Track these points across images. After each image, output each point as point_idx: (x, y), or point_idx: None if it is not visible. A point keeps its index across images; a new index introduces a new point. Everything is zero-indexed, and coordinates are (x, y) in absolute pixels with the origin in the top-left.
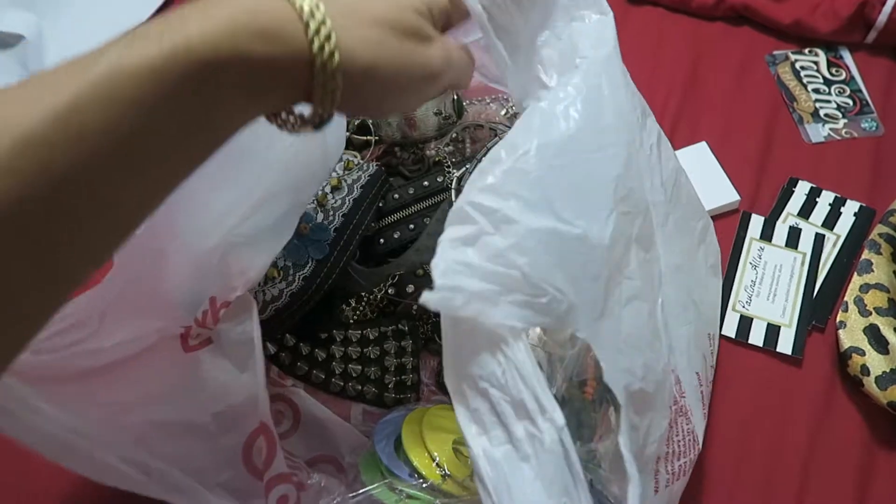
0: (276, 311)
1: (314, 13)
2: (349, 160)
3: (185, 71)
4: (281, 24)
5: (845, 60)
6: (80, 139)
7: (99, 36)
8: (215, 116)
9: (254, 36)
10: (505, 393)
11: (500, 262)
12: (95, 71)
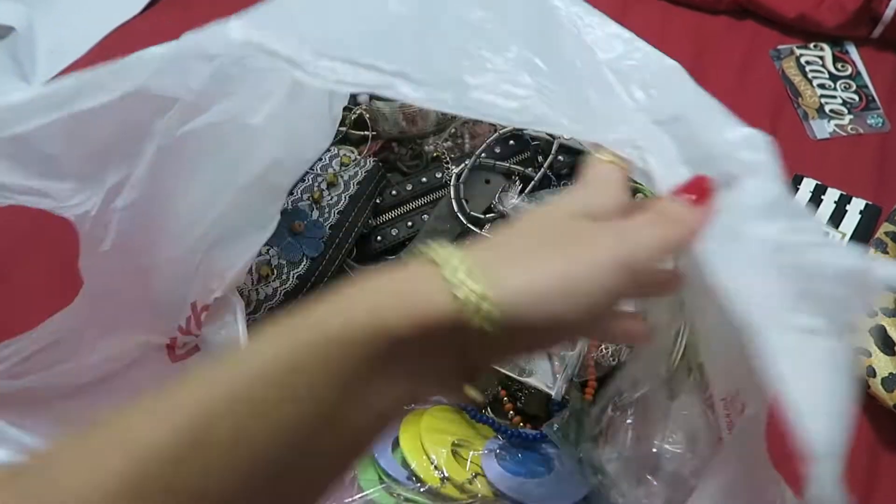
0: (271, 311)
1: (480, 308)
2: (346, 156)
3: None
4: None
5: (851, 55)
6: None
7: (89, 28)
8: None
9: (415, 328)
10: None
11: None
12: (266, 364)
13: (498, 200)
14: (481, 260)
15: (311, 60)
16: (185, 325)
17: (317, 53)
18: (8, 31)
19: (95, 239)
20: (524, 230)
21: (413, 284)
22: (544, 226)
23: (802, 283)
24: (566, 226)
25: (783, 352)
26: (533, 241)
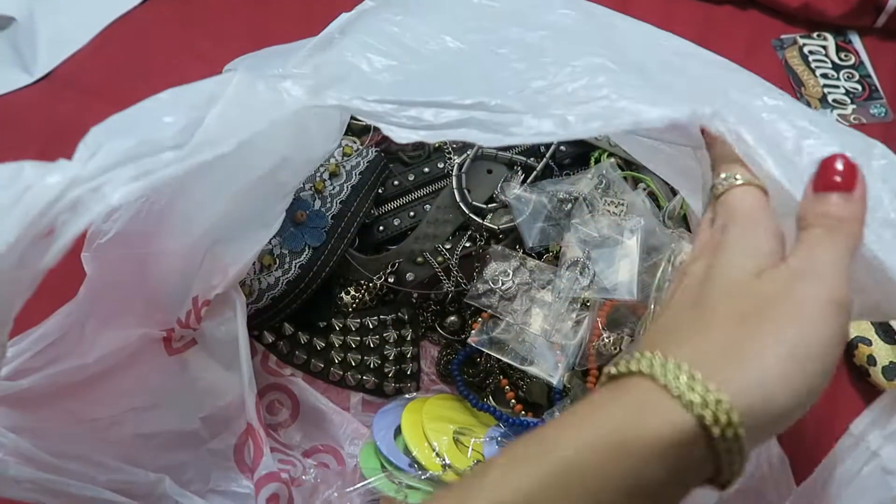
0: (273, 300)
1: (718, 418)
2: (348, 146)
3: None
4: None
5: (854, 45)
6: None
7: (90, 18)
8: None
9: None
10: None
11: None
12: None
13: (500, 190)
14: (692, 359)
15: (392, 111)
16: (185, 319)
17: (396, 104)
18: (9, 22)
19: (100, 232)
20: (711, 306)
21: (636, 410)
22: (734, 297)
23: None
24: (757, 290)
25: None
26: (733, 322)
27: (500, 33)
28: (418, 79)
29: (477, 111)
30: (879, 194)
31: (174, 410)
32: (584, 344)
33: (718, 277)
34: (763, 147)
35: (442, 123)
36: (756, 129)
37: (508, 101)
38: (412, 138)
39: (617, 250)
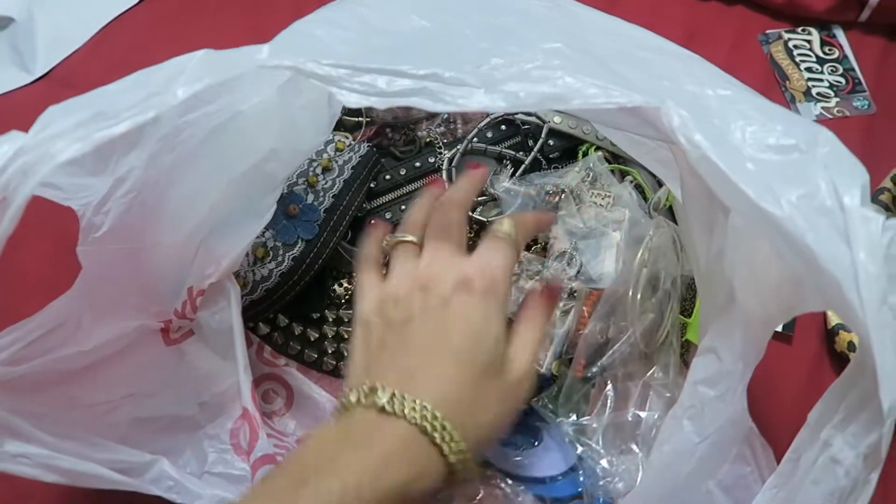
0: (267, 292)
1: (461, 462)
2: (340, 141)
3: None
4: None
5: (839, 39)
6: None
7: (89, 18)
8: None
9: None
10: None
11: None
12: None
13: (489, 184)
14: (452, 416)
15: (346, 76)
16: (181, 309)
17: (350, 70)
18: (8, 22)
19: (93, 226)
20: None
21: (409, 460)
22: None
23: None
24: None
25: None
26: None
27: (468, 16)
28: (377, 51)
29: (430, 81)
30: (818, 181)
31: (172, 397)
32: (571, 333)
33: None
34: (707, 135)
35: (394, 91)
36: (703, 117)
37: (463, 75)
38: (362, 103)
39: (603, 241)
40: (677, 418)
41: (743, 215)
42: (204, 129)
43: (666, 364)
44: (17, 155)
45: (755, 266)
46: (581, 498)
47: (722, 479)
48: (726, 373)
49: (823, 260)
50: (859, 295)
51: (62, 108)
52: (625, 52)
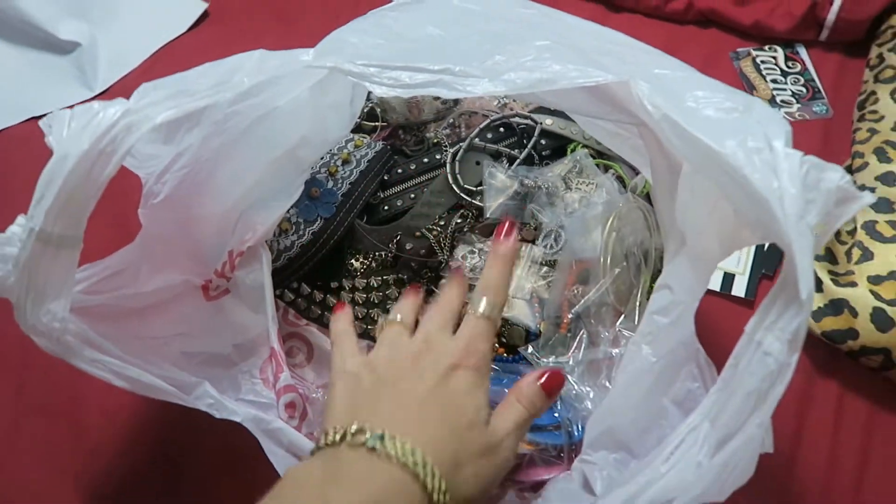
0: (289, 260)
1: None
2: (359, 139)
3: None
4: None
5: (801, 55)
6: None
7: (144, 43)
8: None
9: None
10: None
11: None
12: None
13: (488, 175)
14: (439, 466)
15: (376, 73)
16: (221, 269)
17: (380, 67)
18: (75, 46)
19: (153, 193)
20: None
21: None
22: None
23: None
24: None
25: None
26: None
27: (472, 25)
28: (401, 53)
29: (444, 75)
30: (754, 130)
31: (211, 339)
32: (557, 299)
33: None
34: (666, 103)
35: (416, 83)
36: (664, 90)
37: (471, 68)
38: (391, 93)
39: (588, 214)
40: (637, 343)
41: (695, 161)
42: (248, 118)
43: (633, 316)
44: (124, 115)
45: (700, 214)
46: (559, 427)
47: (674, 395)
48: (678, 302)
49: (757, 186)
50: (783, 211)
51: (153, 85)
52: (601, 47)
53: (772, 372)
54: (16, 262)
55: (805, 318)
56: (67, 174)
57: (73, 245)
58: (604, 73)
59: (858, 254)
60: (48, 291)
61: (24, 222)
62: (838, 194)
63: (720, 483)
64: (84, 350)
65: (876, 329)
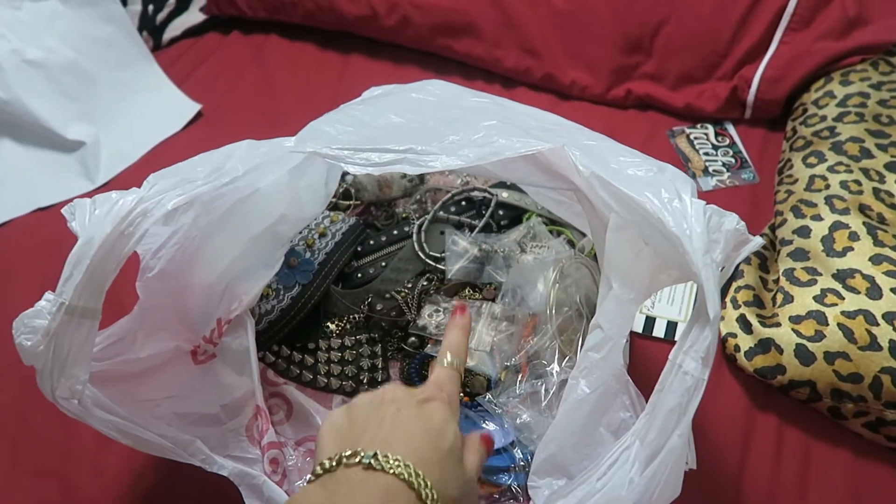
0: (270, 323)
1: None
2: (335, 215)
3: None
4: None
5: (729, 131)
6: None
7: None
8: None
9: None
10: None
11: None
12: None
13: (451, 242)
14: (431, 479)
15: (349, 154)
16: (209, 335)
17: (352, 150)
18: (80, 145)
19: (149, 267)
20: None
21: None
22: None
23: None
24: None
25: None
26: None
27: (430, 113)
28: (369, 138)
29: (408, 153)
30: (668, 185)
31: (200, 400)
32: (517, 347)
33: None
34: (595, 165)
35: (384, 161)
36: (592, 155)
37: (430, 147)
38: (363, 171)
39: (534, 273)
40: (575, 378)
41: (621, 212)
42: (232, 199)
43: (575, 358)
44: (139, 202)
45: (624, 262)
46: (511, 471)
47: (609, 423)
48: (608, 339)
49: (671, 228)
50: (693, 247)
51: (159, 175)
52: (540, 125)
53: (689, 388)
54: (45, 332)
55: (714, 337)
56: (93, 255)
57: (93, 316)
58: (542, 142)
59: (781, 298)
60: (71, 358)
61: (53, 298)
62: (735, 236)
63: (650, 497)
64: (96, 411)
65: (800, 363)
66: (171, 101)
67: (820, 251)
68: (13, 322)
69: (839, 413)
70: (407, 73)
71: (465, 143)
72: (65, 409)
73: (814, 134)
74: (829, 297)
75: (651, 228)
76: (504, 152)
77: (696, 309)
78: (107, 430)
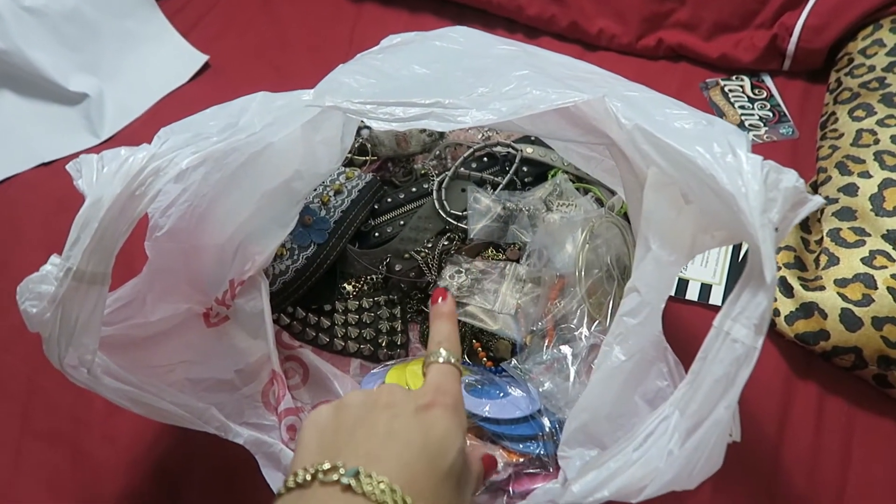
0: (284, 284)
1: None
2: (351, 171)
3: None
4: None
5: (767, 83)
6: None
7: (147, 94)
8: None
9: None
10: None
11: None
12: None
13: (473, 199)
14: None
15: (372, 109)
16: (221, 297)
17: (375, 104)
18: (83, 98)
19: (158, 226)
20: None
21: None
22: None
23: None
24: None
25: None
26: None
27: (456, 63)
28: (393, 91)
29: (435, 108)
30: (720, 139)
31: (214, 365)
32: (544, 311)
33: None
34: (639, 117)
35: (409, 117)
36: (635, 107)
37: (458, 101)
38: (386, 127)
39: (562, 233)
40: (609, 344)
41: (666, 167)
42: (244, 154)
43: (606, 322)
44: (151, 160)
45: (664, 221)
46: (539, 439)
47: (645, 392)
48: (645, 304)
49: (725, 185)
50: (749, 205)
51: (171, 129)
52: (575, 75)
53: (739, 357)
54: (52, 298)
55: (770, 302)
56: (101, 217)
57: (103, 281)
58: (580, 93)
59: (825, 259)
60: (80, 326)
61: (60, 262)
62: (794, 195)
63: (690, 470)
64: (106, 380)
65: (845, 329)
66: (177, 52)
67: (868, 210)
68: (17, 287)
69: (885, 381)
70: (423, 22)
71: (495, 96)
72: (73, 379)
73: (861, 85)
74: (879, 258)
75: (700, 185)
76: (539, 105)
77: (746, 272)
78: (118, 399)
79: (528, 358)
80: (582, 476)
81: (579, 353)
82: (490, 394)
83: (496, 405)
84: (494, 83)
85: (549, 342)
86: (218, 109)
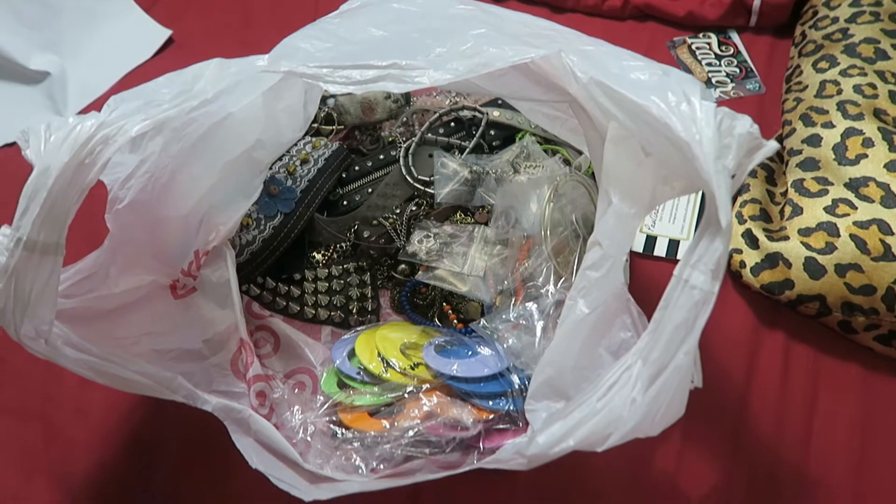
0: (252, 255)
1: None
2: (316, 141)
3: None
4: None
5: (733, 40)
6: None
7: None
8: None
9: None
10: None
11: None
12: None
13: (440, 164)
14: None
15: (328, 73)
16: (187, 268)
17: (331, 68)
18: (45, 76)
19: (118, 198)
20: None
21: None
22: None
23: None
24: None
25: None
26: None
27: (413, 24)
28: (349, 54)
29: (392, 69)
30: (675, 88)
31: (181, 336)
32: (513, 271)
33: None
34: (594, 70)
35: (366, 79)
36: (591, 61)
37: (415, 62)
38: (343, 90)
39: (527, 192)
40: (573, 298)
41: (623, 119)
42: (203, 125)
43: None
44: (100, 128)
45: (624, 175)
46: (508, 395)
47: (609, 344)
48: (607, 257)
49: (679, 133)
50: (703, 152)
51: (121, 97)
52: (533, 32)
53: (697, 302)
54: (3, 269)
55: (726, 248)
56: (50, 186)
57: (56, 251)
58: (536, 49)
59: (789, 210)
60: (34, 297)
61: (10, 232)
62: (749, 140)
63: (652, 417)
64: (66, 350)
65: (809, 277)
66: (139, 27)
67: (831, 160)
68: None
69: (849, 327)
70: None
71: (452, 56)
72: (32, 350)
73: (825, 37)
74: (841, 207)
75: (656, 135)
76: (495, 63)
77: (703, 220)
78: (80, 369)
79: (496, 317)
80: (547, 427)
81: (545, 309)
82: (459, 353)
83: (464, 364)
84: (452, 43)
85: (518, 301)
86: (170, 77)
